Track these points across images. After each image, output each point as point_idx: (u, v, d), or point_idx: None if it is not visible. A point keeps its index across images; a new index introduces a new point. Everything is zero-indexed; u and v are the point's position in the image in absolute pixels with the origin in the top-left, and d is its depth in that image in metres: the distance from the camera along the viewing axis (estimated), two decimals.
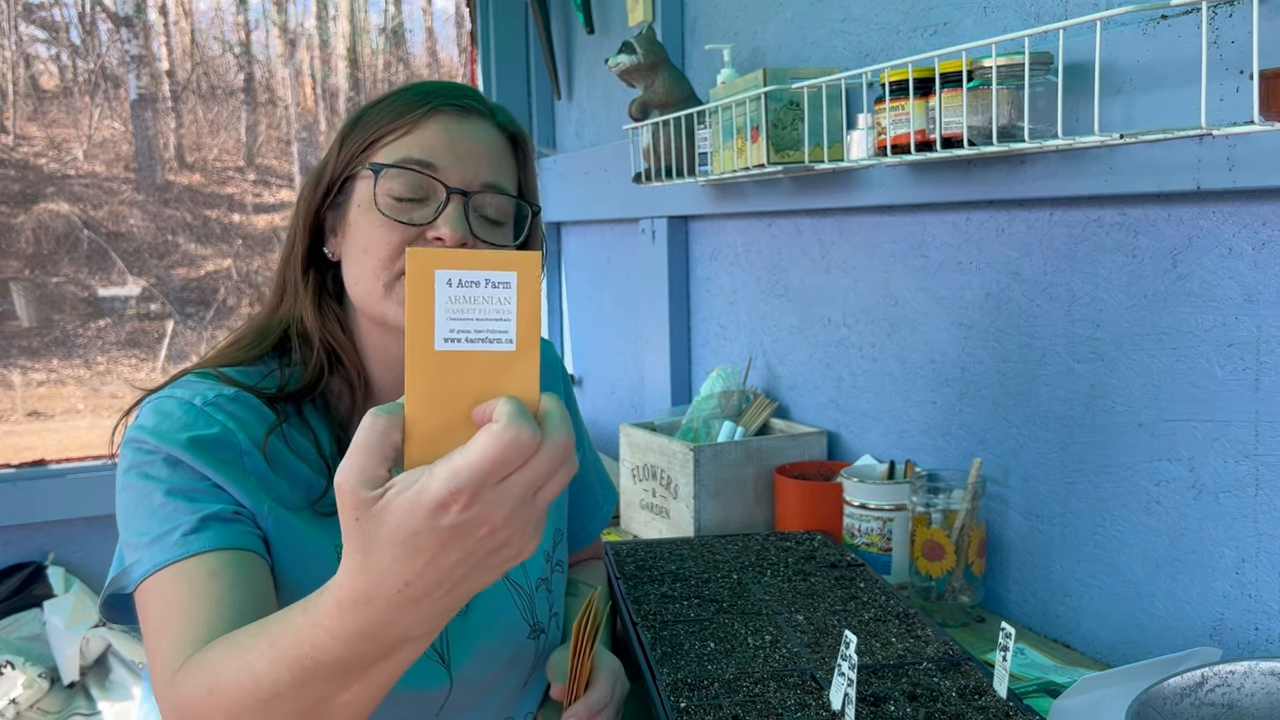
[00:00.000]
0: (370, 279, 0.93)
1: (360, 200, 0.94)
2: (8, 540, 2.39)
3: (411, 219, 0.92)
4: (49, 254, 2.70)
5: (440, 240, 0.92)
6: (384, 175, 0.92)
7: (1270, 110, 0.89)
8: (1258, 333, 1.05)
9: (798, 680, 1.01)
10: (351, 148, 0.95)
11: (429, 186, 0.93)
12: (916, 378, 1.53)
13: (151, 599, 0.83)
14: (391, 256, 0.92)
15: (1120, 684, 0.92)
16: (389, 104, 0.96)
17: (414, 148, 0.93)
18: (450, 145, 0.93)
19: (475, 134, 0.95)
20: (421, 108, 0.94)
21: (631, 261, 2.38)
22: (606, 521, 1.27)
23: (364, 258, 0.93)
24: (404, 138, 0.93)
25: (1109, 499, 1.23)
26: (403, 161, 0.92)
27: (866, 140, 1.37)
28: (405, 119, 0.93)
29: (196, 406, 0.89)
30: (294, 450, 0.93)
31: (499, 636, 1.01)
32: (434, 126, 0.94)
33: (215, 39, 2.95)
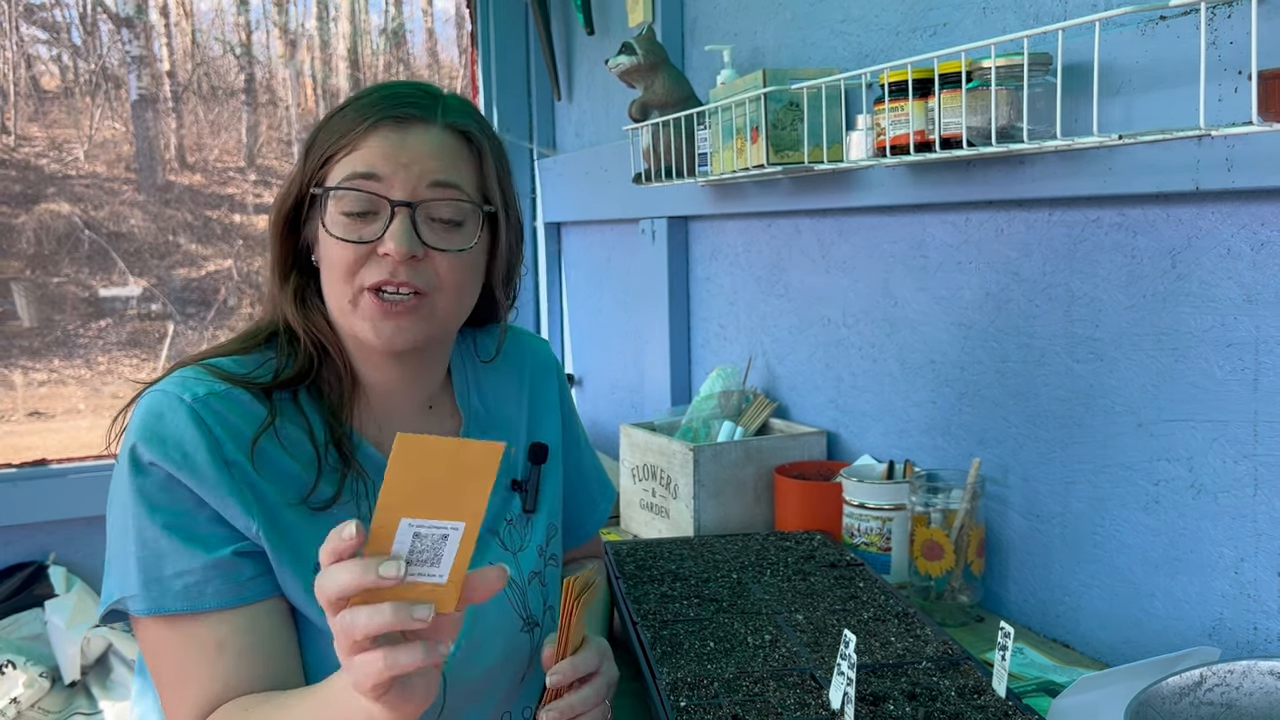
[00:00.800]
0: (336, 296, 0.96)
1: (323, 216, 0.95)
2: (9, 540, 2.39)
3: (361, 236, 0.93)
4: (50, 254, 2.71)
5: (387, 256, 0.92)
6: (333, 196, 0.94)
7: (1269, 111, 0.89)
8: (1256, 333, 1.05)
9: (797, 679, 1.01)
10: (310, 165, 0.96)
11: (375, 202, 0.93)
12: (916, 378, 1.53)
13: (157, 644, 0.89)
14: (349, 274, 0.94)
15: (1119, 683, 0.92)
16: (339, 118, 0.96)
17: (357, 163, 0.93)
18: (391, 156, 0.93)
19: (417, 141, 0.94)
20: (364, 122, 0.94)
21: (631, 261, 2.38)
22: (604, 520, 1.27)
23: (329, 273, 0.96)
24: (349, 155, 0.94)
25: (1108, 499, 1.23)
26: (345, 180, 0.93)
27: (866, 141, 1.37)
28: (349, 135, 0.94)
29: (186, 403, 0.90)
30: (285, 446, 0.94)
31: (490, 629, 1.01)
32: (374, 140, 0.93)
33: (216, 40, 2.96)
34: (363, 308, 0.94)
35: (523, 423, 1.13)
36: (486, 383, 1.12)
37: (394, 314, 0.93)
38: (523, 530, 1.08)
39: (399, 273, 0.93)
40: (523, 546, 1.07)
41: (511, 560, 1.05)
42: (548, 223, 2.83)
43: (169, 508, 0.88)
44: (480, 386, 1.11)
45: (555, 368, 1.20)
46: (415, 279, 0.93)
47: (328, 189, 0.94)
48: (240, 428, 0.92)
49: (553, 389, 1.18)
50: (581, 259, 2.74)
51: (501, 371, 1.14)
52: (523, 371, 1.15)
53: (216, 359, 0.97)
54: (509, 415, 1.12)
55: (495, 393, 1.12)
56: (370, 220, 0.93)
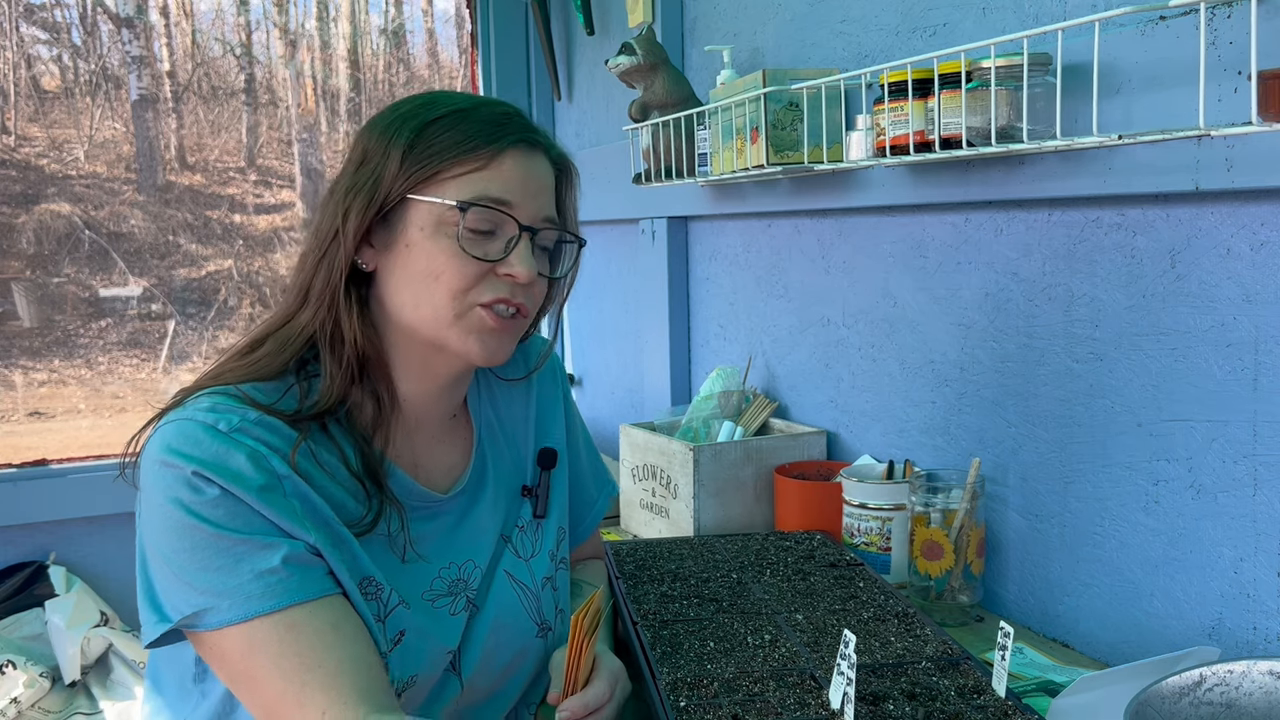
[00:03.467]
0: (439, 306, 0.94)
1: (425, 224, 0.93)
2: (9, 540, 2.39)
3: (486, 254, 0.94)
4: (50, 254, 2.71)
5: (512, 276, 0.94)
6: (470, 214, 0.92)
7: (1268, 111, 0.89)
8: (1256, 333, 1.05)
9: (797, 679, 1.01)
10: (415, 168, 0.93)
11: (501, 221, 0.94)
12: (915, 378, 1.53)
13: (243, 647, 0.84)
14: (465, 288, 0.93)
15: (1119, 683, 0.92)
16: (460, 129, 0.94)
17: (492, 184, 0.93)
18: (524, 183, 0.95)
19: (541, 170, 0.98)
20: (497, 141, 0.94)
21: (631, 262, 2.38)
22: (602, 515, 1.27)
23: (433, 284, 0.93)
24: (480, 172, 0.93)
25: (1107, 499, 1.23)
26: (483, 199, 0.93)
27: (865, 141, 1.37)
28: (481, 152, 0.93)
29: (222, 433, 0.87)
30: (324, 468, 0.92)
31: (507, 637, 1.01)
32: (510, 163, 0.94)
33: (216, 40, 2.96)
34: (472, 321, 0.94)
35: (530, 428, 1.13)
36: (498, 389, 1.13)
37: (502, 330, 0.96)
38: (534, 536, 1.08)
39: (517, 294, 0.96)
40: (535, 553, 1.07)
41: (524, 567, 1.06)
42: None
43: (229, 520, 0.85)
44: (493, 396, 1.12)
45: (559, 367, 1.21)
46: (525, 300, 0.97)
47: (470, 205, 0.92)
48: (282, 448, 0.89)
49: (557, 389, 1.18)
50: (582, 259, 2.73)
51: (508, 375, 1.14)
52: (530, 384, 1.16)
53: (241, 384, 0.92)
54: (517, 422, 1.13)
55: (505, 399, 1.13)
56: (491, 239, 0.94)
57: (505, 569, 1.04)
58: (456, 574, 0.99)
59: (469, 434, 1.08)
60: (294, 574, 0.85)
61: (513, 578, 1.04)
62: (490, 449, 1.08)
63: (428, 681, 0.95)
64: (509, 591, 1.03)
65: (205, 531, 0.84)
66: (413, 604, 0.94)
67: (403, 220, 0.94)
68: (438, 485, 1.02)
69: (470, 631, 0.99)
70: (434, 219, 0.93)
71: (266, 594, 0.84)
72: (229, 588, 0.84)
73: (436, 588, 0.97)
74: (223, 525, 0.84)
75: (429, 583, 0.97)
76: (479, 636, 0.99)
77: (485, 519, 1.04)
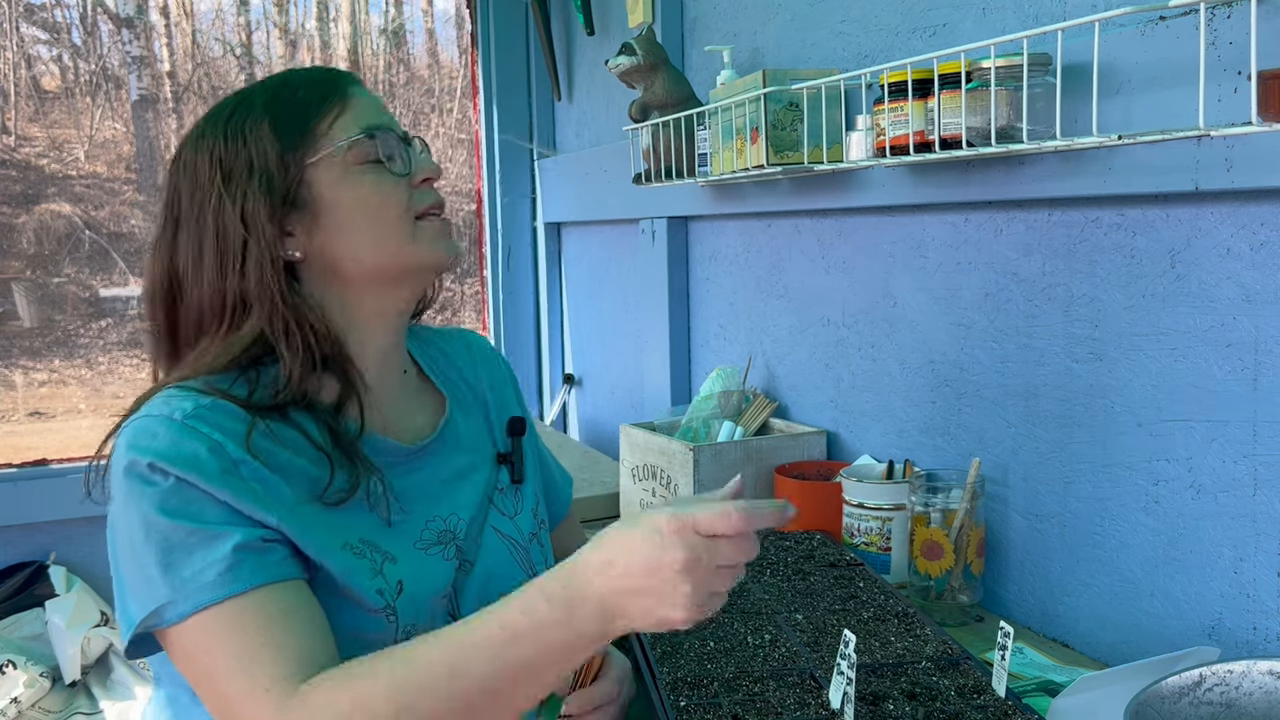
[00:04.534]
0: (394, 232, 0.98)
1: (332, 178, 0.96)
2: (9, 540, 2.40)
3: (402, 171, 0.99)
4: (50, 254, 2.71)
5: (428, 181, 1.01)
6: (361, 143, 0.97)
7: (1268, 111, 0.89)
8: (1255, 333, 1.05)
9: (797, 679, 1.01)
10: (291, 140, 0.95)
11: (393, 142, 0.99)
12: (915, 378, 1.53)
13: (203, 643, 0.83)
14: (405, 204, 0.98)
15: (1118, 683, 0.92)
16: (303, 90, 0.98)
17: (362, 117, 0.98)
18: (373, 108, 1.01)
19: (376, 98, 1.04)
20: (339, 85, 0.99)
21: (631, 261, 2.38)
22: (569, 500, 1.28)
23: (377, 218, 0.97)
24: (346, 113, 0.98)
25: (1107, 499, 1.23)
26: (371, 128, 0.98)
27: (865, 141, 1.37)
28: (333, 100, 0.98)
29: (177, 421, 0.87)
30: (287, 446, 0.92)
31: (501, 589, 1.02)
32: (355, 99, 1.00)
33: (216, 40, 2.96)
34: (424, 231, 1.00)
35: (493, 400, 1.17)
36: (446, 365, 1.16)
37: (448, 229, 1.03)
38: (515, 498, 1.11)
39: (435, 192, 1.03)
40: (518, 511, 1.10)
41: (510, 523, 1.08)
42: (548, 223, 2.83)
43: (185, 508, 0.85)
44: (443, 367, 1.15)
45: (503, 360, 1.24)
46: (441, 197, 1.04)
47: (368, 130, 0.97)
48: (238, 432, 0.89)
49: (506, 379, 1.21)
50: (581, 259, 2.74)
51: (460, 361, 1.17)
52: (475, 361, 1.19)
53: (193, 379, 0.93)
54: (474, 397, 1.15)
55: (458, 373, 1.16)
56: (392, 160, 0.99)
57: (493, 525, 1.06)
58: (442, 525, 1.00)
59: (436, 400, 1.10)
60: (245, 560, 0.84)
61: (500, 533, 1.07)
62: (460, 414, 1.10)
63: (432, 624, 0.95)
64: (499, 544, 1.06)
65: (161, 525, 0.84)
66: (402, 556, 0.95)
67: (310, 191, 0.96)
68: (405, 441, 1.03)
69: (465, 584, 1.00)
70: (339, 169, 0.96)
71: (219, 583, 0.82)
72: (183, 580, 0.83)
73: (426, 537, 0.99)
74: (178, 515, 0.84)
75: (418, 533, 0.98)
76: (474, 588, 1.00)
77: (465, 475, 1.06)
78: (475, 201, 2.97)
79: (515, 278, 2.91)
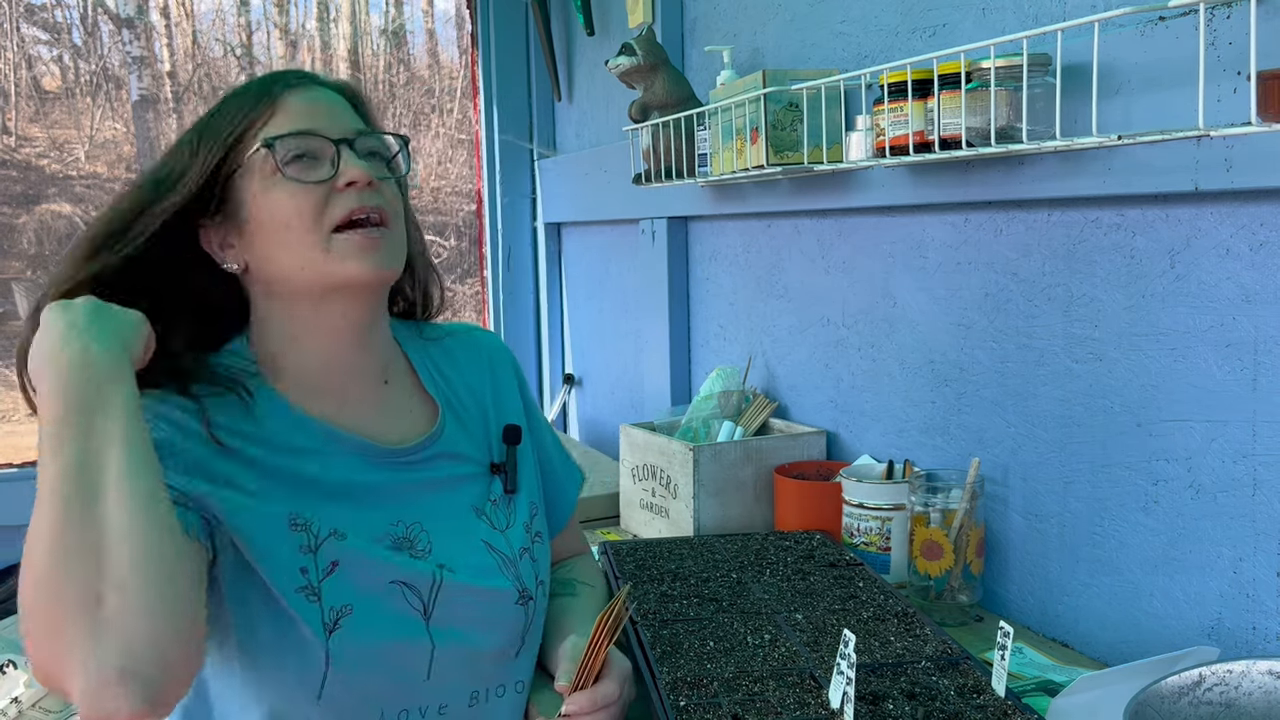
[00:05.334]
0: (305, 247, 0.94)
1: (254, 188, 0.95)
2: (9, 540, 2.38)
3: (319, 177, 0.94)
4: (51, 255, 2.71)
5: (353, 185, 0.93)
6: (278, 146, 0.93)
7: (1268, 111, 0.89)
8: (1255, 333, 1.05)
9: (797, 679, 1.01)
10: (212, 151, 0.95)
11: (317, 146, 0.95)
12: (915, 378, 1.53)
13: None
14: (314, 218, 0.94)
15: (1118, 683, 0.93)
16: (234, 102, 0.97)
17: (283, 123, 0.95)
18: (313, 111, 0.96)
19: (327, 99, 0.99)
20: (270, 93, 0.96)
21: (631, 262, 2.38)
22: (573, 503, 1.26)
23: (287, 232, 0.94)
24: (271, 120, 0.95)
25: (1107, 499, 1.23)
26: (289, 133, 0.94)
27: (865, 141, 1.37)
28: (261, 105, 0.96)
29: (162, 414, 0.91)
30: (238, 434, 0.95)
31: (487, 602, 1.01)
32: (291, 104, 0.96)
33: (216, 40, 2.96)
34: (340, 247, 0.94)
35: (490, 410, 1.15)
36: (449, 372, 1.14)
37: (374, 243, 0.95)
38: (507, 510, 1.09)
39: (366, 198, 0.94)
40: (509, 524, 1.08)
41: (501, 537, 1.07)
42: (548, 223, 2.83)
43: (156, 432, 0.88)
44: (444, 373, 1.13)
45: (509, 355, 1.22)
46: (379, 202, 0.96)
47: (276, 138, 0.93)
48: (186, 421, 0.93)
49: (510, 377, 1.19)
50: (581, 259, 2.74)
51: (461, 362, 1.15)
52: (481, 361, 1.17)
53: None
54: (475, 403, 1.14)
55: (459, 381, 1.14)
56: (317, 164, 0.95)
57: (482, 538, 1.05)
58: (404, 532, 1.00)
59: (430, 411, 1.09)
60: None
61: (491, 546, 1.05)
62: (453, 424, 1.09)
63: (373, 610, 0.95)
64: (488, 558, 1.04)
65: None
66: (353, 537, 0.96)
67: (237, 202, 0.96)
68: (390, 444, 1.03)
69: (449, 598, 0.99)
70: (256, 177, 0.95)
71: None
72: None
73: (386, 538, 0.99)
74: None
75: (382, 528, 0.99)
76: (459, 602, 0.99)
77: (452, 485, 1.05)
78: (475, 202, 2.97)
79: (515, 278, 2.91)
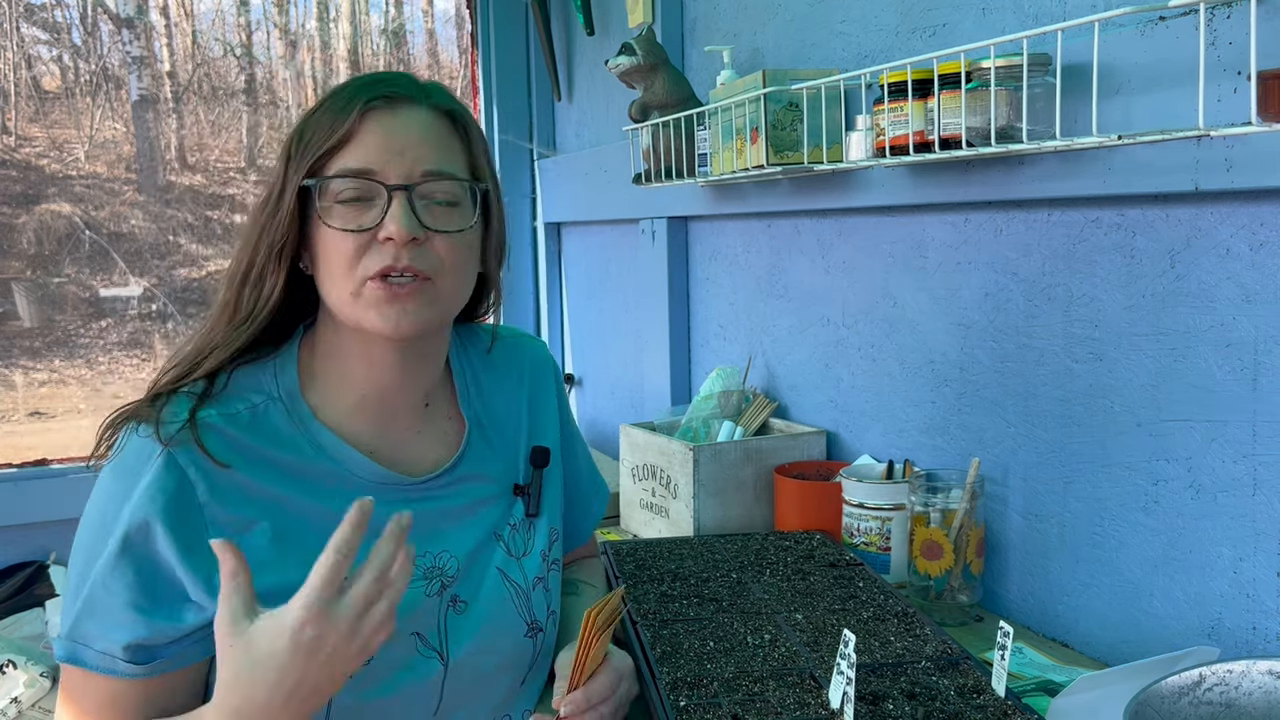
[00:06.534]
0: (340, 288, 0.94)
1: (319, 212, 0.94)
2: (9, 540, 2.40)
3: (360, 224, 0.92)
4: (50, 254, 2.71)
5: (391, 240, 0.92)
6: (326, 186, 0.92)
7: (1268, 111, 0.89)
8: (1255, 333, 1.05)
9: (797, 679, 1.01)
10: (298, 166, 0.94)
11: (371, 188, 0.92)
12: (915, 378, 1.53)
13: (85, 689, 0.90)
14: (350, 264, 0.92)
15: (1118, 683, 0.93)
16: (323, 112, 0.95)
17: (350, 156, 0.92)
18: (385, 143, 0.93)
19: (408, 124, 0.94)
20: (351, 112, 0.93)
21: (631, 261, 2.38)
22: (598, 519, 1.26)
23: (327, 268, 0.94)
24: (344, 147, 0.93)
25: (1107, 499, 1.23)
26: (341, 172, 0.92)
27: (865, 141, 1.37)
28: (339, 127, 0.93)
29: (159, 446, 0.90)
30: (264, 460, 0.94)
31: (496, 633, 1.01)
32: (368, 128, 0.93)
33: (216, 40, 2.96)
34: (366, 296, 0.92)
35: (523, 426, 1.12)
36: (487, 385, 1.11)
37: (399, 298, 0.92)
38: (526, 535, 1.07)
39: (401, 257, 0.92)
40: (527, 551, 1.07)
41: (516, 566, 1.05)
42: (548, 223, 2.83)
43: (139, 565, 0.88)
44: (481, 389, 1.10)
45: (553, 367, 1.19)
46: (418, 262, 0.93)
47: (320, 179, 0.92)
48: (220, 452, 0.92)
49: (550, 389, 1.17)
50: (581, 259, 2.74)
51: (501, 373, 1.13)
52: (522, 373, 1.14)
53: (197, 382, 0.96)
54: (510, 418, 1.11)
55: (496, 395, 1.11)
56: (367, 207, 0.93)
57: (498, 566, 1.03)
58: (431, 561, 0.99)
59: (458, 428, 1.07)
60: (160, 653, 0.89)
61: (505, 575, 1.04)
62: (480, 445, 1.07)
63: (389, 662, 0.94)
64: (501, 588, 1.03)
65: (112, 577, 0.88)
66: None
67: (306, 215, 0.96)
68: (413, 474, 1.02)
69: (459, 625, 0.99)
70: (318, 202, 0.94)
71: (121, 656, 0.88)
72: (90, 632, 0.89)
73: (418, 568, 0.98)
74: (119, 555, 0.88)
75: None
76: (468, 630, 0.99)
77: (469, 514, 1.04)
78: None
79: (515, 278, 2.91)
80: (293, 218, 0.94)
